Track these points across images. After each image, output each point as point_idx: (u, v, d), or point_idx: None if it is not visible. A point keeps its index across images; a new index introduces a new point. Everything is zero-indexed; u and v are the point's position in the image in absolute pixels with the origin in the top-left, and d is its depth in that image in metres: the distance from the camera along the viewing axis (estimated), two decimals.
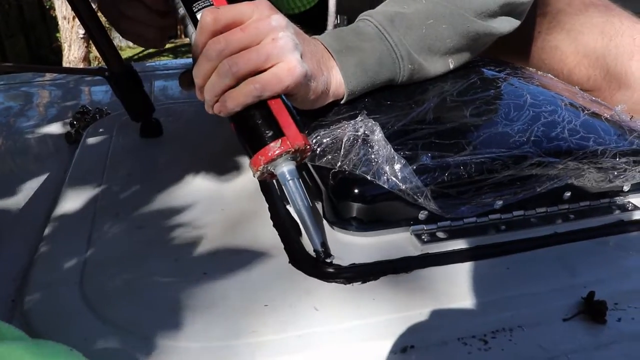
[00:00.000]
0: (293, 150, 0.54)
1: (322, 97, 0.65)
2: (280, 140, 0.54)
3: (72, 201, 0.69)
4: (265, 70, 0.55)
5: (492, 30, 0.74)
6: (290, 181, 0.56)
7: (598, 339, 0.46)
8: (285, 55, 0.55)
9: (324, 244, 0.55)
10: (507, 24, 0.77)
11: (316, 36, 0.67)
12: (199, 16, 0.56)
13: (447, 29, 0.70)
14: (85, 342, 0.45)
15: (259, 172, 0.56)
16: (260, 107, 0.55)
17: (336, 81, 0.66)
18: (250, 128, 0.55)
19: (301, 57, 0.57)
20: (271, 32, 0.55)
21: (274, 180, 0.66)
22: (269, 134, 0.54)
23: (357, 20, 0.72)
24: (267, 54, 0.54)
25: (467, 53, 0.76)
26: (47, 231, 0.62)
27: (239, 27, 0.54)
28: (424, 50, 0.70)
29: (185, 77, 0.64)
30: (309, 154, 0.58)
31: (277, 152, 0.54)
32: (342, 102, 0.68)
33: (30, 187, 0.78)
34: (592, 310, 0.49)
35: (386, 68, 0.68)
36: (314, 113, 0.67)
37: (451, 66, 0.75)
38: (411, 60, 0.69)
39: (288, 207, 0.64)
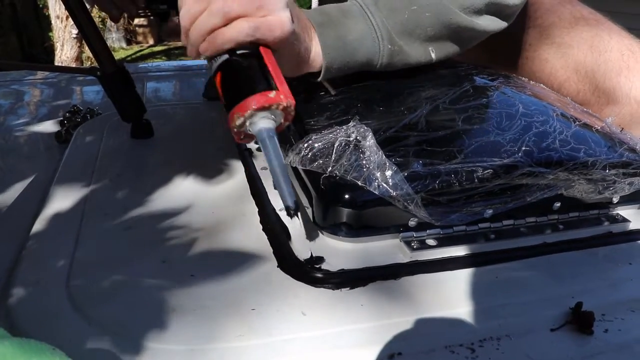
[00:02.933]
0: (284, 105, 0.52)
1: (301, 63, 0.66)
2: (274, 92, 0.52)
3: (60, 201, 0.68)
4: None
5: (475, 26, 0.75)
6: (267, 139, 0.53)
7: (585, 350, 0.47)
8: (277, 10, 0.55)
9: (296, 202, 0.52)
10: (492, 24, 0.78)
11: (301, 9, 0.68)
12: None
13: (430, 17, 0.72)
14: (70, 342, 0.45)
15: (242, 119, 0.52)
16: (254, 56, 0.54)
17: (315, 51, 0.67)
18: (243, 75, 0.54)
19: (291, 16, 0.57)
20: None
21: (264, 182, 0.66)
22: (264, 84, 0.53)
23: None
24: (260, 3, 0.54)
25: (449, 45, 0.77)
26: (34, 230, 0.62)
27: None
28: (405, 34, 0.72)
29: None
30: (288, 123, 0.56)
31: (269, 101, 0.51)
32: (319, 78, 0.69)
33: (18, 186, 0.77)
34: (580, 321, 0.49)
35: (365, 47, 0.70)
36: (307, 114, 0.67)
37: (432, 55, 0.76)
38: (391, 41, 0.71)
39: (278, 211, 0.64)
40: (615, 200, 0.66)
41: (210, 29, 0.54)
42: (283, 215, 0.63)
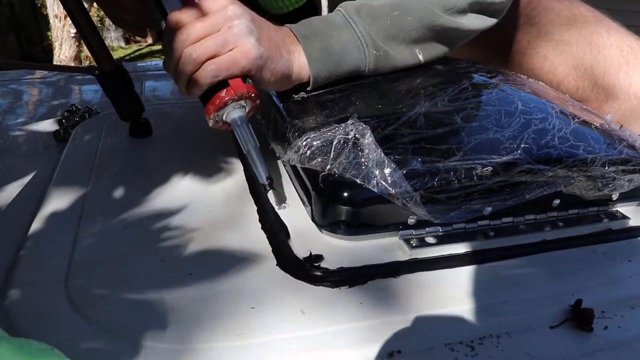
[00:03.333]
0: (237, 97, 0.60)
1: (285, 79, 0.68)
2: (225, 90, 0.60)
3: (58, 200, 0.68)
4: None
5: (460, 26, 0.76)
6: (239, 125, 0.62)
7: (584, 347, 0.46)
8: (240, 41, 0.60)
9: (270, 177, 0.62)
10: (478, 22, 0.79)
11: (288, 24, 0.71)
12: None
13: (413, 21, 0.73)
14: (69, 342, 0.45)
15: (211, 120, 0.62)
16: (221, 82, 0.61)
17: (299, 64, 0.69)
18: (206, 91, 0.62)
19: (257, 41, 0.61)
20: (227, 21, 0.60)
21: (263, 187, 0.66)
22: (217, 87, 0.60)
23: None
24: (224, 40, 0.59)
25: (437, 45, 0.78)
26: (32, 229, 0.62)
27: (198, 19, 0.59)
28: (389, 39, 0.73)
29: None
30: (258, 102, 0.64)
31: (223, 100, 0.60)
32: (308, 88, 0.72)
33: (17, 185, 0.77)
34: (579, 318, 0.49)
35: (351, 55, 0.72)
36: (305, 112, 0.67)
37: (420, 57, 0.77)
38: (376, 47, 0.72)
39: (277, 210, 0.64)
40: (614, 197, 0.66)
41: (187, 77, 0.60)
42: (282, 213, 0.63)
